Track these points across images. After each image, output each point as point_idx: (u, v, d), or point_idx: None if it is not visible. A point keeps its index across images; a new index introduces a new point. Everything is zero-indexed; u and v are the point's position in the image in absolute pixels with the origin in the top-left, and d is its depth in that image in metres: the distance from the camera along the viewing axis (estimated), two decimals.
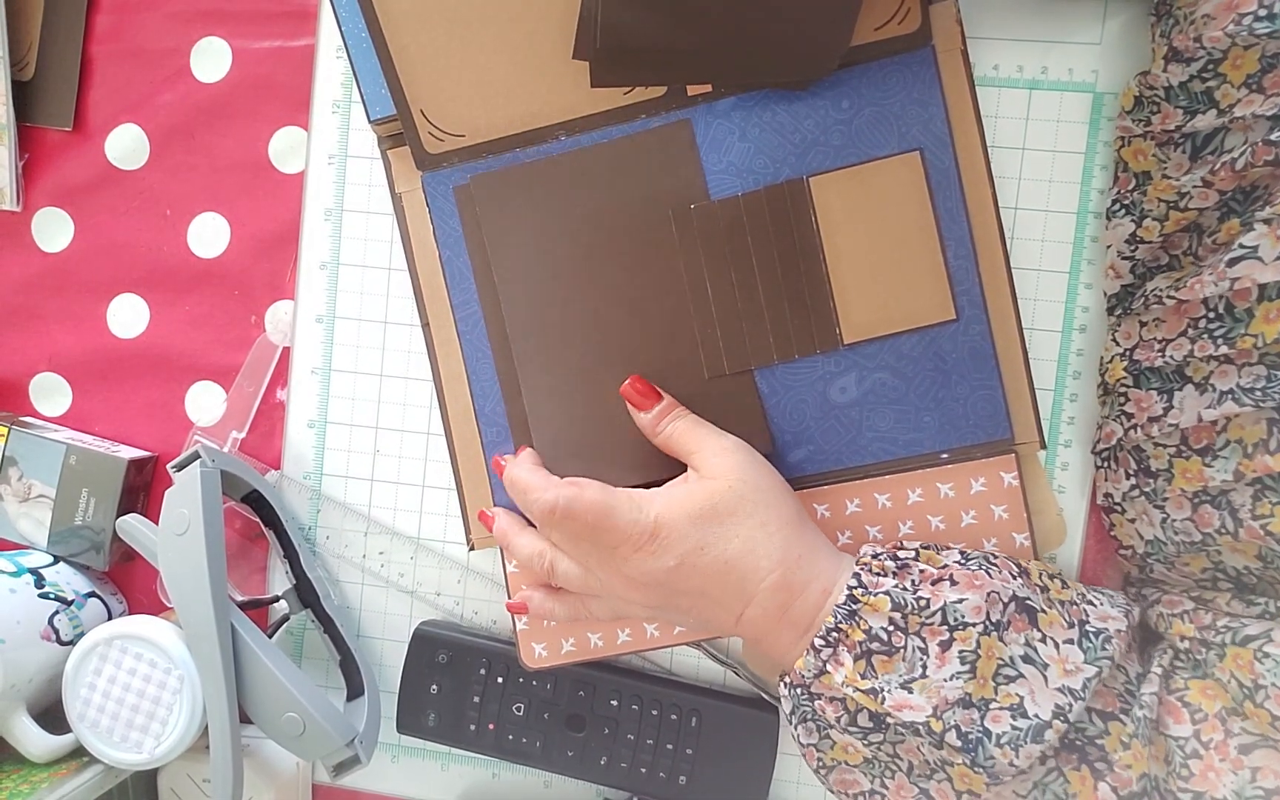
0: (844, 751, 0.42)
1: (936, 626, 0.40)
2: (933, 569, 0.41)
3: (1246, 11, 0.37)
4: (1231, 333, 0.39)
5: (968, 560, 0.42)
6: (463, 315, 0.48)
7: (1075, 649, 0.40)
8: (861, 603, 0.40)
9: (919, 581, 0.41)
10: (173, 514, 0.46)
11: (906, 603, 0.40)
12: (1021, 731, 0.38)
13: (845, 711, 0.40)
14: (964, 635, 0.39)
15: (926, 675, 0.39)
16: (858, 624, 0.40)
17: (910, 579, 0.41)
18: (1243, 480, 0.39)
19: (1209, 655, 0.40)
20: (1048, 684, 0.39)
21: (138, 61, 0.53)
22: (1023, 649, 0.40)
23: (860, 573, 0.41)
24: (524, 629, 0.49)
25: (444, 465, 0.51)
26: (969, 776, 0.39)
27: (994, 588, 0.40)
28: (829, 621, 0.40)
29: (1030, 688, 0.39)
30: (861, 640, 0.40)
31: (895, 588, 0.40)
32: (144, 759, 0.47)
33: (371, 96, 0.47)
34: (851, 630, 0.40)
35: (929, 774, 0.41)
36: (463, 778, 0.54)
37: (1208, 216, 0.42)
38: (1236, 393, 0.39)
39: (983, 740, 0.38)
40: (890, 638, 0.40)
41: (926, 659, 0.39)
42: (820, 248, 0.45)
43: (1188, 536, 0.42)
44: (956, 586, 0.40)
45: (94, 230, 0.54)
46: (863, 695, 0.39)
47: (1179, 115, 0.41)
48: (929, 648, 0.39)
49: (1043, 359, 0.48)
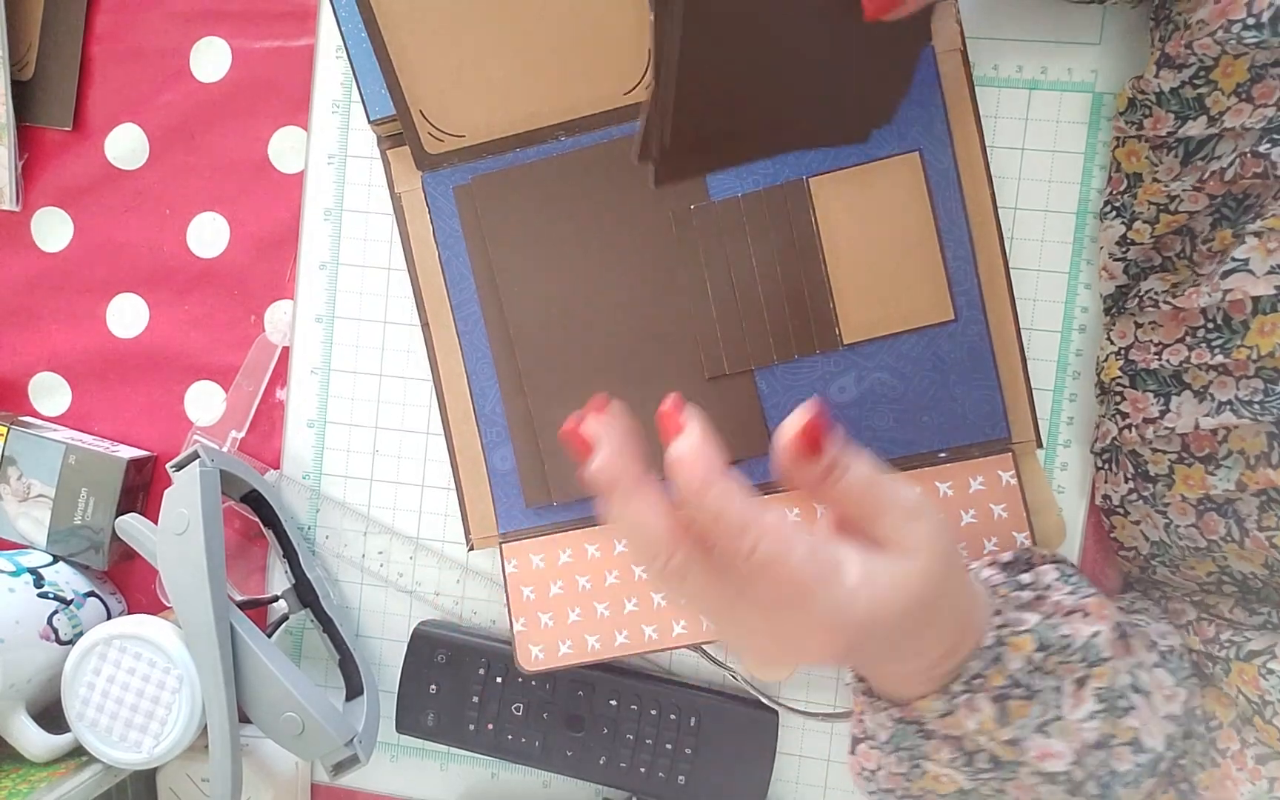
0: (935, 782, 0.38)
1: (1075, 664, 0.36)
2: (1067, 600, 0.38)
3: (1236, 19, 0.37)
4: (1228, 343, 0.39)
5: (1066, 577, 0.39)
6: (462, 315, 0.48)
7: (1164, 672, 0.38)
8: (1006, 645, 0.36)
9: (1054, 614, 0.37)
10: (172, 513, 0.46)
11: (1051, 642, 0.36)
12: (1142, 767, 0.36)
13: (961, 752, 0.37)
14: (1100, 672, 0.36)
15: (1062, 716, 0.36)
16: (1000, 669, 0.36)
17: (1045, 610, 0.38)
18: (1247, 491, 0.39)
19: (1215, 670, 0.40)
20: (1155, 712, 0.37)
21: (138, 61, 0.53)
22: (1129, 677, 0.37)
23: (1003, 609, 0.37)
24: (521, 630, 0.49)
25: (443, 465, 0.51)
26: None
27: (1112, 613, 0.37)
28: (973, 666, 0.36)
29: (1141, 718, 0.36)
30: (1002, 686, 0.36)
31: (1040, 624, 0.37)
32: (143, 758, 0.47)
33: (371, 96, 0.47)
34: (993, 676, 0.36)
35: None
36: (462, 778, 0.54)
37: (1199, 220, 0.42)
38: (1235, 404, 0.39)
39: (1111, 784, 0.36)
40: (1030, 680, 0.36)
41: (1060, 698, 0.36)
42: (820, 248, 0.45)
43: (1192, 542, 0.42)
44: (1089, 618, 0.37)
45: (94, 230, 0.54)
46: (1000, 746, 0.36)
47: (1170, 120, 0.41)
48: (1063, 687, 0.36)
49: (1042, 359, 0.48)
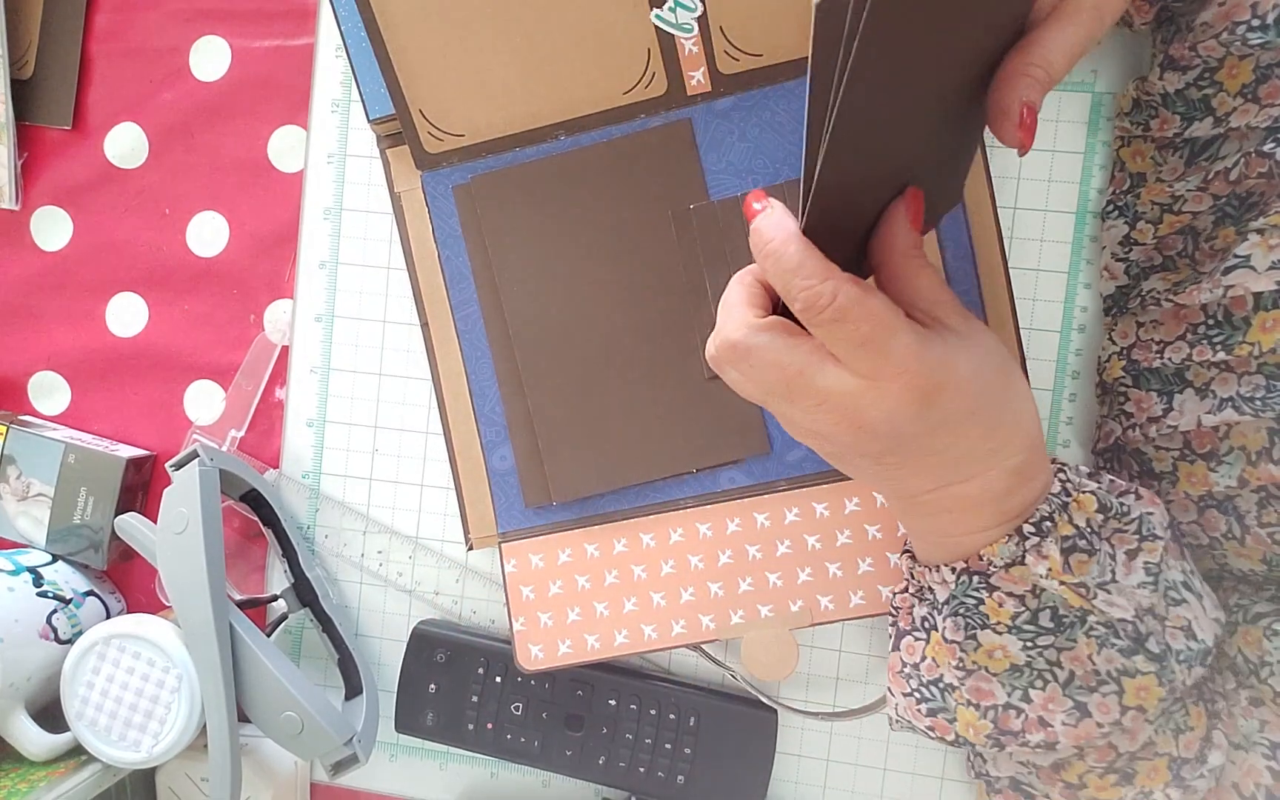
0: (988, 656, 0.39)
1: (1129, 534, 0.38)
2: (1120, 481, 0.39)
3: (1240, 21, 0.37)
4: (1230, 340, 0.39)
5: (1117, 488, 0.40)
6: (462, 315, 0.48)
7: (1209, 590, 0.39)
8: (1072, 498, 0.37)
9: (1109, 488, 0.39)
10: (171, 513, 0.46)
11: (1111, 505, 0.38)
12: (1194, 653, 0.37)
13: (1025, 608, 0.38)
14: (1151, 547, 0.37)
15: (1116, 580, 0.37)
16: (1068, 518, 0.37)
17: (1101, 482, 0.39)
18: (1247, 487, 0.39)
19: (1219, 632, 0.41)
20: (1206, 612, 0.38)
21: (137, 60, 0.53)
22: (1182, 576, 0.38)
23: (1066, 468, 0.39)
24: (521, 630, 0.49)
25: (442, 465, 0.51)
26: (1147, 689, 0.37)
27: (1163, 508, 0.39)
28: (1043, 509, 0.37)
29: (1194, 612, 0.38)
30: (1069, 535, 0.37)
31: (1099, 489, 0.38)
32: (142, 758, 0.47)
33: (371, 96, 0.47)
34: (1061, 523, 0.37)
35: (1094, 686, 0.38)
36: (461, 777, 0.54)
37: (1202, 220, 0.42)
38: (1237, 400, 0.39)
39: (1168, 654, 0.37)
40: (1090, 539, 0.37)
41: (1115, 565, 0.37)
42: None
43: (1194, 539, 0.42)
44: (1141, 499, 0.39)
45: (93, 229, 0.54)
46: (1069, 589, 0.37)
47: (1176, 121, 0.41)
48: (1117, 555, 0.37)
49: (1041, 359, 0.48)
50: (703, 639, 0.49)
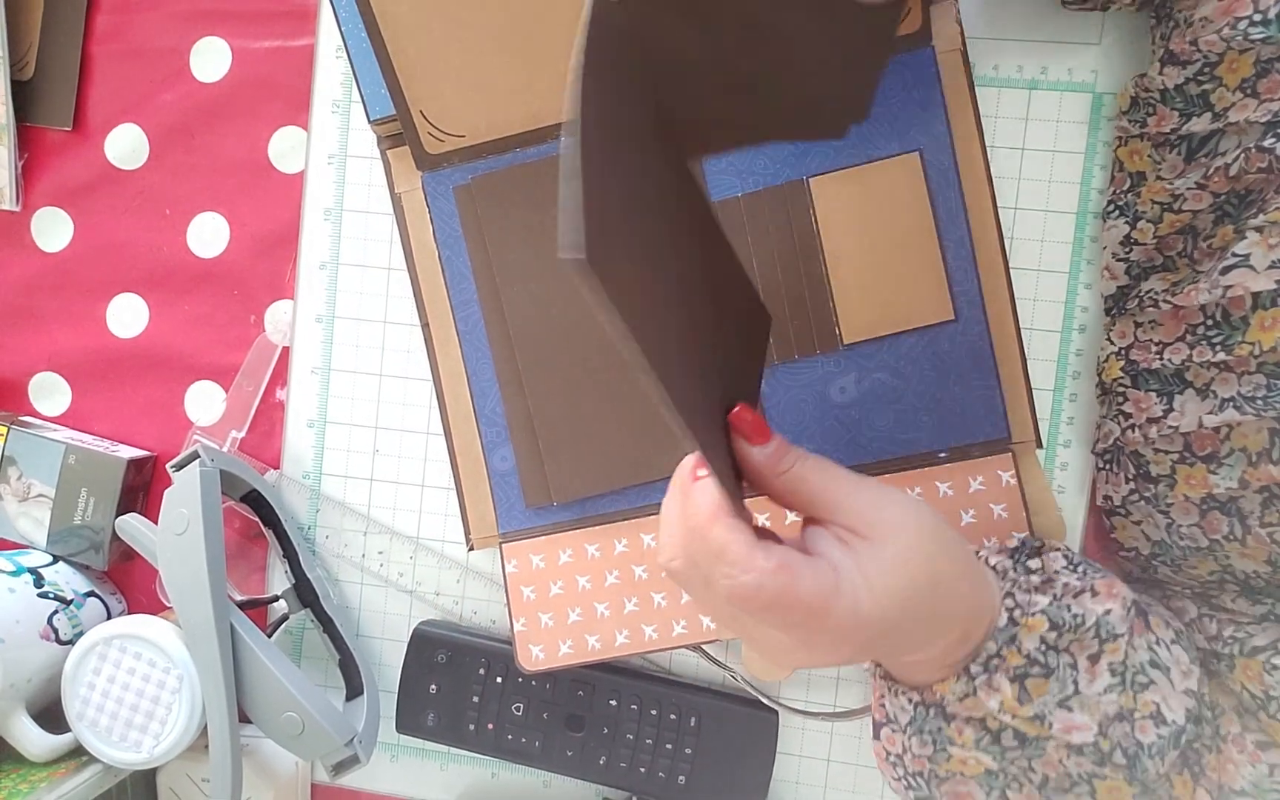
0: (962, 765, 0.39)
1: (1087, 640, 0.37)
2: (1075, 581, 0.39)
3: (1242, 16, 0.37)
4: (1229, 340, 0.39)
5: (1074, 563, 0.40)
6: (462, 315, 0.48)
7: (1180, 649, 0.39)
8: (1020, 625, 0.37)
9: (1062, 595, 0.38)
10: (172, 513, 0.46)
11: (1063, 621, 0.37)
12: (1165, 739, 0.36)
13: (986, 731, 0.37)
14: (1113, 647, 0.37)
15: (1079, 691, 0.37)
16: (1017, 648, 0.37)
17: (1054, 592, 0.38)
18: (1249, 488, 0.39)
19: (1220, 666, 0.40)
20: (1174, 687, 0.37)
21: (137, 61, 0.53)
22: (1148, 653, 0.37)
23: (1014, 591, 0.38)
24: (521, 630, 0.49)
25: (443, 465, 0.51)
26: (1118, 790, 0.37)
27: (1123, 591, 0.38)
28: (990, 648, 0.37)
29: (1162, 693, 0.37)
30: (1020, 665, 0.37)
31: (1051, 605, 0.37)
32: (143, 758, 0.47)
33: (371, 96, 0.47)
34: (1010, 655, 0.37)
35: (1067, 788, 0.38)
36: (462, 777, 0.54)
37: (1202, 219, 0.42)
38: (1238, 400, 0.39)
39: (1139, 754, 0.36)
40: (1045, 658, 0.37)
41: (1076, 674, 0.37)
42: (820, 248, 0.45)
43: (1194, 542, 0.42)
44: (1098, 597, 0.38)
45: (94, 230, 0.54)
46: (1024, 722, 0.36)
47: (1174, 117, 0.41)
48: (1078, 663, 0.37)
49: (1042, 359, 0.48)
50: (703, 639, 0.49)
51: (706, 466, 0.33)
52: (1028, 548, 0.41)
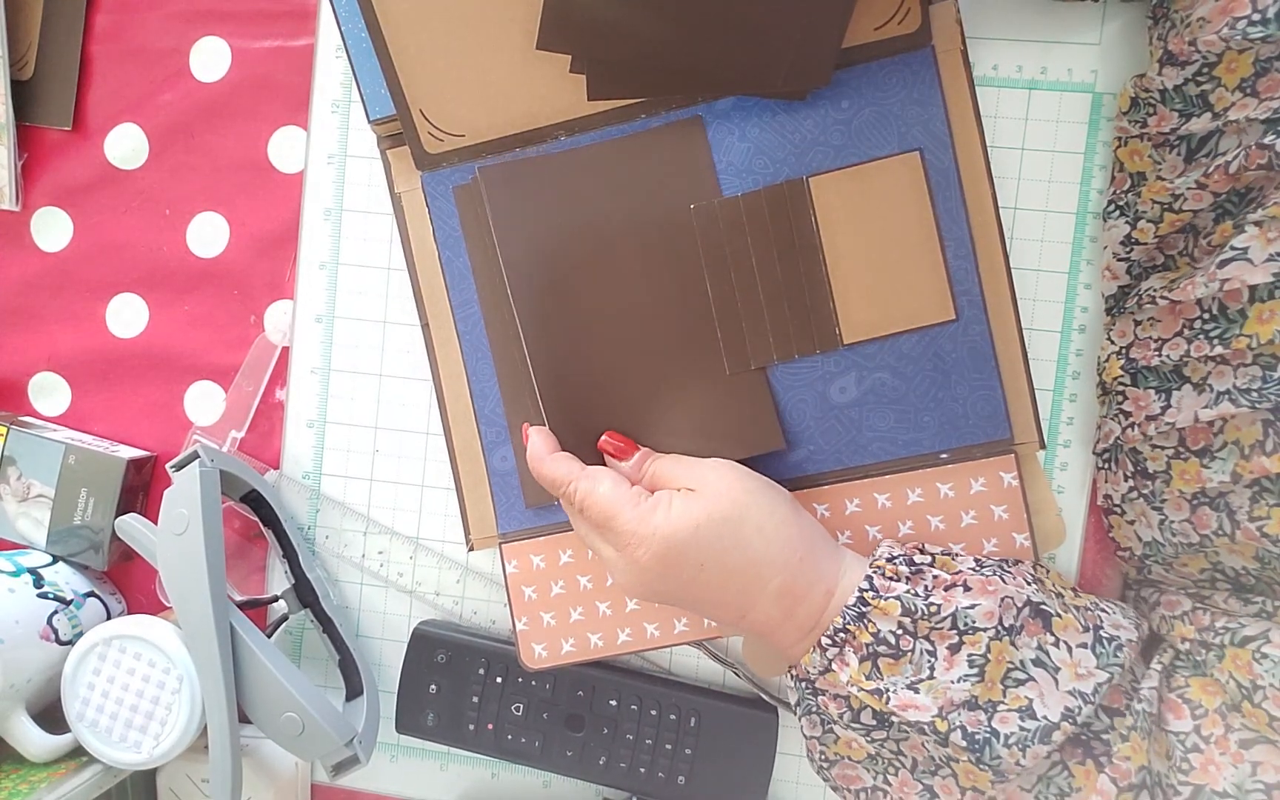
0: (847, 747, 0.43)
1: (946, 631, 0.40)
2: (947, 575, 0.42)
3: (1240, 15, 0.37)
4: (1226, 333, 0.39)
5: (983, 567, 0.42)
6: (462, 315, 0.48)
7: (1088, 653, 0.40)
8: (871, 606, 0.40)
9: (932, 587, 0.41)
10: (172, 514, 0.46)
11: (917, 608, 0.40)
12: (1029, 732, 0.38)
13: (849, 708, 0.41)
14: (974, 640, 0.40)
15: (934, 677, 0.40)
16: (866, 627, 0.40)
17: (923, 584, 0.41)
18: (1240, 482, 0.39)
19: (1209, 656, 0.40)
20: (1058, 687, 0.39)
21: (137, 61, 0.53)
22: (1034, 652, 0.40)
23: (874, 576, 0.41)
24: (524, 629, 0.49)
25: (443, 465, 0.51)
26: (974, 773, 0.40)
27: (1008, 593, 0.40)
28: (836, 622, 0.40)
29: (1040, 690, 0.39)
30: (869, 643, 0.40)
31: (907, 593, 0.41)
32: (143, 759, 0.46)
33: (371, 96, 0.47)
34: (859, 632, 0.40)
35: (933, 771, 0.41)
36: (462, 778, 0.54)
37: (1202, 218, 0.42)
38: (1233, 393, 0.39)
39: (990, 740, 0.39)
40: (898, 641, 0.40)
41: (934, 661, 0.40)
42: (820, 248, 0.45)
43: (1185, 538, 0.42)
44: (970, 592, 0.41)
45: (93, 230, 0.54)
46: (867, 695, 0.40)
47: (1174, 117, 0.41)
48: (938, 651, 0.40)
49: (1042, 359, 0.48)
50: (705, 636, 0.49)
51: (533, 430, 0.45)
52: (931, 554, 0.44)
